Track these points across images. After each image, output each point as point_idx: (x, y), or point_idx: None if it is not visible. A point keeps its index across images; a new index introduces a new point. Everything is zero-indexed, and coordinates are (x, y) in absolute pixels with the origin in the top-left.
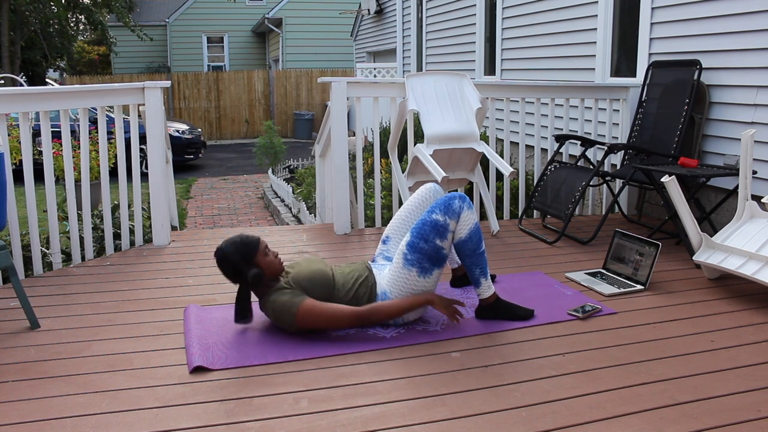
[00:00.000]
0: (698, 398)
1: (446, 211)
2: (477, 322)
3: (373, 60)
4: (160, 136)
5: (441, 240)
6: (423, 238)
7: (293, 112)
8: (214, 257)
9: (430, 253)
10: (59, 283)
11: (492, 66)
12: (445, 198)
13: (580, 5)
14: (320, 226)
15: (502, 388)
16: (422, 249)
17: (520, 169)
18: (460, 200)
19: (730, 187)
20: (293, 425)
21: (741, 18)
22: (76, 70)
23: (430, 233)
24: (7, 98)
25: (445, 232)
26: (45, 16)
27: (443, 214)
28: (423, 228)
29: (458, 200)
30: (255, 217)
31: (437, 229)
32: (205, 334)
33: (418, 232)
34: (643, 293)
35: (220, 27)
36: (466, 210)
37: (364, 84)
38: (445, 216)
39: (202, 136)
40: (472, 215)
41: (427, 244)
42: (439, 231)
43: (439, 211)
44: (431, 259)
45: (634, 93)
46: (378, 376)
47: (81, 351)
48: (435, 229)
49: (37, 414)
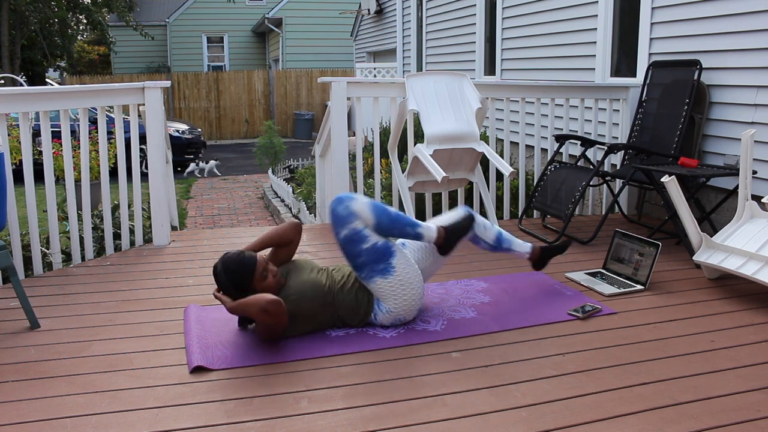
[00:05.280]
0: (698, 398)
1: (341, 221)
2: (477, 323)
3: (373, 60)
4: (160, 136)
5: (365, 242)
6: (354, 256)
7: (293, 112)
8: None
9: (371, 258)
10: (59, 283)
11: (492, 66)
12: (331, 215)
13: (580, 5)
14: (320, 226)
15: (502, 388)
16: (363, 263)
17: (520, 169)
18: (339, 203)
19: (730, 187)
20: (293, 425)
21: (741, 18)
22: (76, 70)
23: (353, 247)
24: (7, 98)
25: (361, 236)
26: (45, 16)
27: (342, 226)
28: (346, 249)
29: (338, 205)
30: (255, 217)
31: (354, 240)
32: (205, 334)
33: (348, 255)
34: (643, 293)
35: (220, 27)
36: (351, 204)
37: (364, 84)
38: (345, 226)
39: (202, 136)
40: (359, 202)
41: (362, 256)
42: (357, 239)
43: (339, 227)
44: (377, 260)
45: (634, 93)
46: (378, 376)
47: (81, 351)
48: (352, 242)
49: (37, 414)
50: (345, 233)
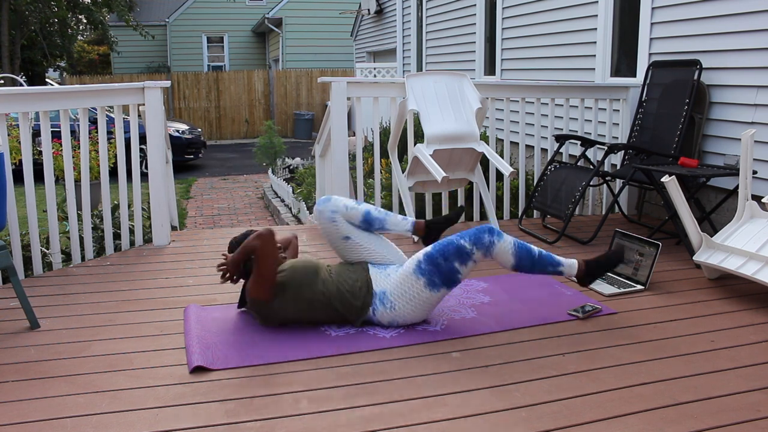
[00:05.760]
0: (698, 398)
1: (475, 241)
2: (477, 323)
3: (373, 60)
4: (160, 136)
5: (460, 264)
6: (443, 256)
7: (293, 112)
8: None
9: (445, 271)
10: (59, 283)
11: (492, 66)
12: (477, 228)
13: (580, 5)
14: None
15: (502, 388)
16: (439, 264)
17: (520, 169)
18: (490, 234)
19: (730, 187)
20: (293, 425)
21: (741, 18)
22: (76, 70)
23: (452, 254)
24: (7, 98)
25: (467, 259)
26: (45, 16)
27: (471, 243)
28: (447, 247)
29: (488, 234)
30: (255, 217)
31: (460, 253)
32: (205, 334)
33: (441, 249)
34: (643, 293)
35: (220, 27)
36: (497, 243)
37: (364, 84)
38: (473, 245)
39: (202, 136)
40: (505, 243)
41: (445, 263)
42: (462, 256)
43: (468, 239)
44: (443, 277)
45: (634, 93)
46: (378, 376)
47: (81, 351)
48: (458, 253)
49: (37, 414)
50: (465, 246)
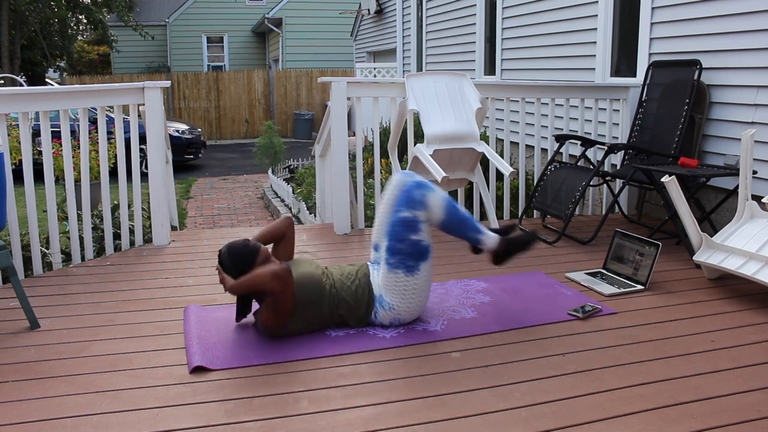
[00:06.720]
0: (698, 398)
1: (410, 204)
2: (477, 323)
3: (373, 60)
4: (160, 136)
5: (416, 234)
6: (398, 239)
7: (293, 112)
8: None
9: (410, 250)
10: (59, 283)
11: (492, 66)
12: (403, 192)
13: (580, 5)
14: (320, 226)
15: (502, 388)
16: (401, 250)
17: (520, 169)
18: (418, 188)
19: (730, 187)
20: (293, 425)
21: (741, 18)
22: (76, 70)
23: (403, 232)
24: (7, 98)
25: (416, 226)
26: (45, 16)
27: (408, 209)
28: (394, 229)
29: (416, 189)
30: (255, 217)
31: (408, 226)
32: (205, 334)
33: (392, 234)
34: (643, 293)
35: (220, 27)
36: (429, 194)
37: (364, 84)
38: (411, 210)
39: (202, 136)
40: (436, 195)
41: (404, 244)
42: (411, 226)
43: (404, 208)
44: (413, 255)
45: (634, 93)
46: (378, 376)
47: (81, 351)
48: (406, 227)
49: (37, 414)
50: (405, 215)
